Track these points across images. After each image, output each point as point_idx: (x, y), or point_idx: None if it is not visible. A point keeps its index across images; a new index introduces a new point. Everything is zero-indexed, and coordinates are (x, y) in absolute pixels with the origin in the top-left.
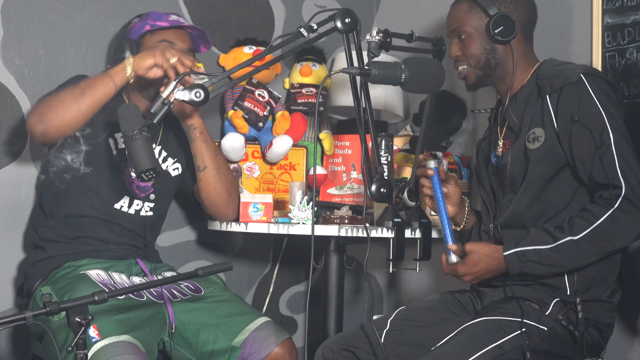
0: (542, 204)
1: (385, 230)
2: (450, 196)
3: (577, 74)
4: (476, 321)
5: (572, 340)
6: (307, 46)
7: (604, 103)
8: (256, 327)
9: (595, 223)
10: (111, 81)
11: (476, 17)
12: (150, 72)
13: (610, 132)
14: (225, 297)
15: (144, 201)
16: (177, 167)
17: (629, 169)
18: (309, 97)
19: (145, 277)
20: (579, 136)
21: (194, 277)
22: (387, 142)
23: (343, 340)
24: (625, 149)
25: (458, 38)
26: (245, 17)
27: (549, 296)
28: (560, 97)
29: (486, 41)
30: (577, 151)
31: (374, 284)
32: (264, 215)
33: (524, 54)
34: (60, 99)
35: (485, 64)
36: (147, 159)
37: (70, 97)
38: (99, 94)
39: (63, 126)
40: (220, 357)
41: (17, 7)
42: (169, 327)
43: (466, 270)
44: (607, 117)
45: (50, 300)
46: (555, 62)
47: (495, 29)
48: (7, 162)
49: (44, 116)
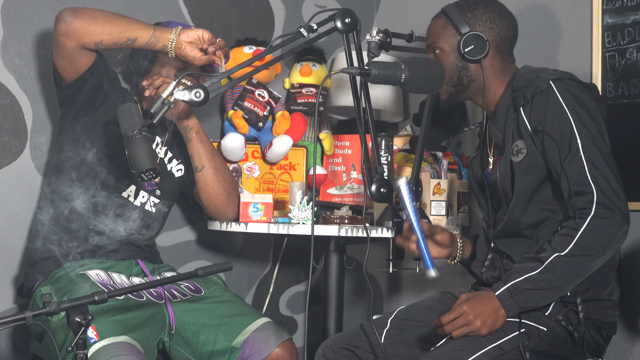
0: (534, 211)
1: (385, 230)
2: (441, 243)
3: (547, 81)
4: None
5: (571, 341)
6: (307, 46)
7: (573, 108)
8: (256, 328)
9: (577, 235)
10: (151, 29)
11: (450, 34)
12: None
13: (578, 138)
14: (225, 298)
15: (150, 195)
16: (181, 168)
17: (598, 173)
18: (309, 97)
19: (146, 278)
20: (549, 145)
21: (194, 277)
22: (387, 142)
23: (343, 339)
24: (594, 153)
25: (433, 53)
26: (245, 17)
27: None
28: (532, 107)
29: (458, 59)
30: (550, 160)
31: (374, 284)
32: (264, 215)
33: (500, 70)
34: (100, 12)
35: (457, 82)
36: (147, 159)
37: (109, 15)
38: (132, 29)
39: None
40: (220, 358)
41: (17, 7)
42: (169, 328)
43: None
44: (576, 123)
45: (50, 300)
46: (528, 70)
47: (466, 47)
48: (7, 162)
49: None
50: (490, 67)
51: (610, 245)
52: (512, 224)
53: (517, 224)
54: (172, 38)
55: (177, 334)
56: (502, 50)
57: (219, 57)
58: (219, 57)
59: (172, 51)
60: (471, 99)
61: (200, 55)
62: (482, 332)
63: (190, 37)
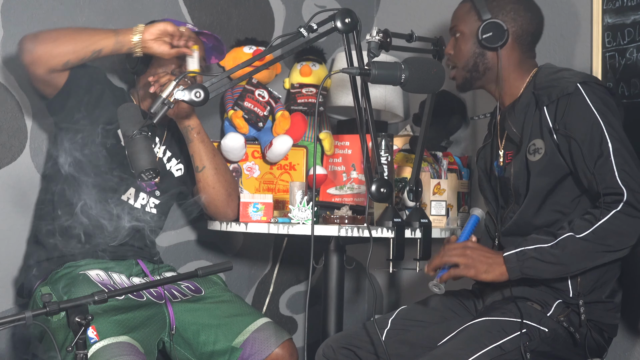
0: (547, 212)
1: (385, 230)
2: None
3: (574, 83)
4: (477, 321)
5: (572, 342)
6: (307, 46)
7: (602, 112)
8: (257, 328)
9: (597, 224)
10: (113, 36)
11: (472, 19)
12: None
13: (609, 141)
14: (225, 298)
15: (149, 196)
16: (181, 167)
17: (629, 177)
18: (309, 97)
19: (146, 278)
20: (578, 148)
21: (194, 277)
22: (387, 142)
23: (344, 339)
24: (625, 156)
25: (454, 37)
26: (245, 17)
27: (551, 297)
28: (558, 108)
29: (476, 45)
30: (578, 163)
31: (374, 284)
32: (264, 215)
33: (518, 63)
34: (59, 32)
35: (472, 68)
36: (147, 159)
37: (69, 33)
38: (95, 42)
39: (50, 58)
40: (221, 358)
41: (17, 7)
42: (169, 328)
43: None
44: (606, 126)
45: (50, 300)
46: (551, 70)
47: (484, 34)
48: (7, 162)
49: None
50: (508, 58)
51: (627, 244)
52: (523, 224)
53: (528, 224)
54: (136, 40)
55: (177, 334)
56: (522, 43)
57: (189, 48)
58: (189, 48)
59: (138, 51)
60: (486, 87)
61: (169, 49)
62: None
63: (153, 33)
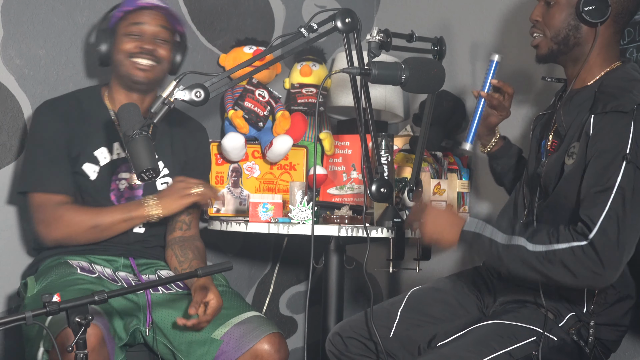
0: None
1: (385, 230)
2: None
3: (634, 103)
4: (488, 323)
5: (578, 354)
6: (307, 46)
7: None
8: (240, 321)
9: (553, 246)
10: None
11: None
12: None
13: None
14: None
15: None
16: (167, 181)
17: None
18: (309, 97)
19: (132, 272)
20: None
21: (194, 277)
22: (387, 142)
23: (353, 329)
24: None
25: (546, 5)
26: (245, 17)
27: (565, 308)
28: (604, 120)
29: (572, 16)
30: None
31: (374, 284)
32: (274, 215)
33: (607, 44)
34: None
35: (563, 40)
36: (147, 158)
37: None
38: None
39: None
40: (200, 349)
41: (17, 7)
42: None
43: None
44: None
45: (50, 300)
46: (627, 76)
47: (587, 6)
48: (7, 162)
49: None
50: (601, 38)
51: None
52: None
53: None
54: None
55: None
56: (618, 22)
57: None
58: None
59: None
60: (565, 65)
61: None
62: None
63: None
